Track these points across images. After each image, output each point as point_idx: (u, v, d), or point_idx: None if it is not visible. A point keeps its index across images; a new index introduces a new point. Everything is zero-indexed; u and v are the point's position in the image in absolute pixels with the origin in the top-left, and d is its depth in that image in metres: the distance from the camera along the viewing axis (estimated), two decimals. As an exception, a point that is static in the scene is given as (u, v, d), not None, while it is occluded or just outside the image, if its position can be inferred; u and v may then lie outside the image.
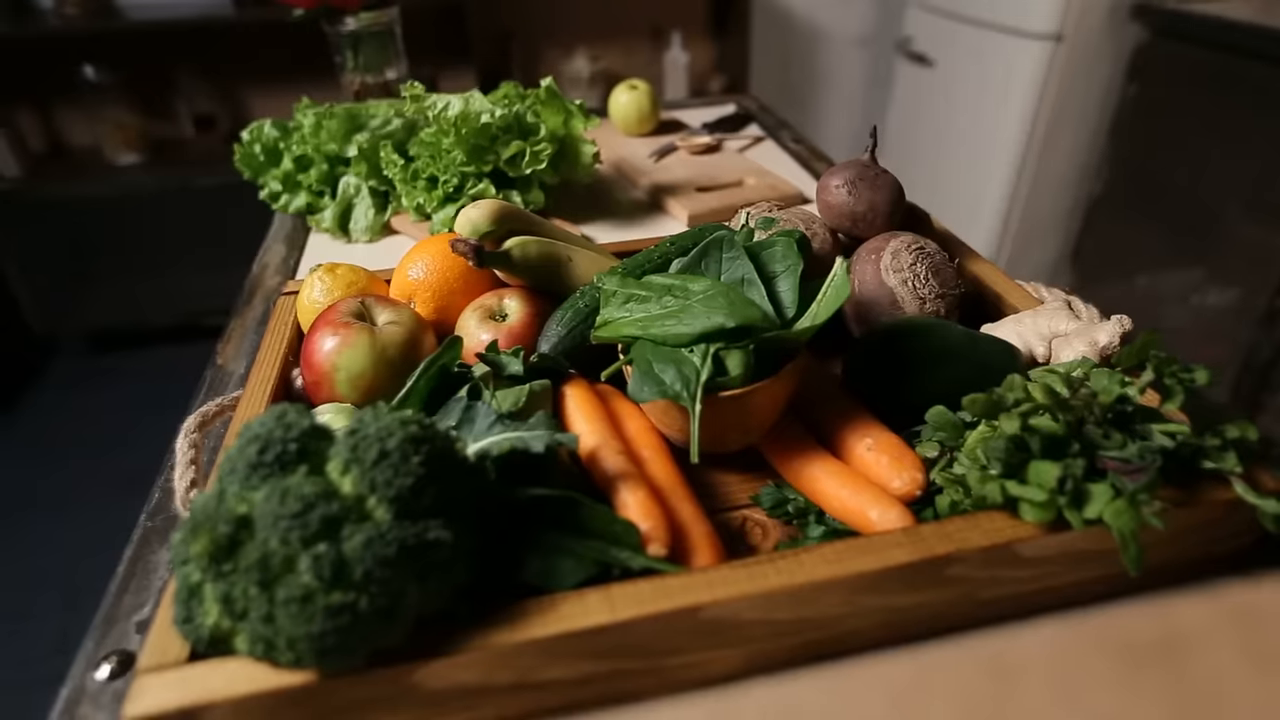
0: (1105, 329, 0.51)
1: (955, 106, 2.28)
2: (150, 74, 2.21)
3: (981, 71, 2.18)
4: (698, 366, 0.45)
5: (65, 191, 2.15)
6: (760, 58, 2.47)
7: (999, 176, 2.18)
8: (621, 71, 2.44)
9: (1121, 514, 0.38)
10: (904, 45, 2.39)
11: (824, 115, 2.70)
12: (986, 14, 2.11)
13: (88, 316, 2.30)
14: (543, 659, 0.38)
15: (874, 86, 2.65)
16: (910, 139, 2.48)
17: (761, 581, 0.39)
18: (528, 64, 2.37)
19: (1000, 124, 2.14)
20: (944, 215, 2.43)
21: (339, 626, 0.34)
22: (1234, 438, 0.43)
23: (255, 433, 0.37)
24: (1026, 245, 2.26)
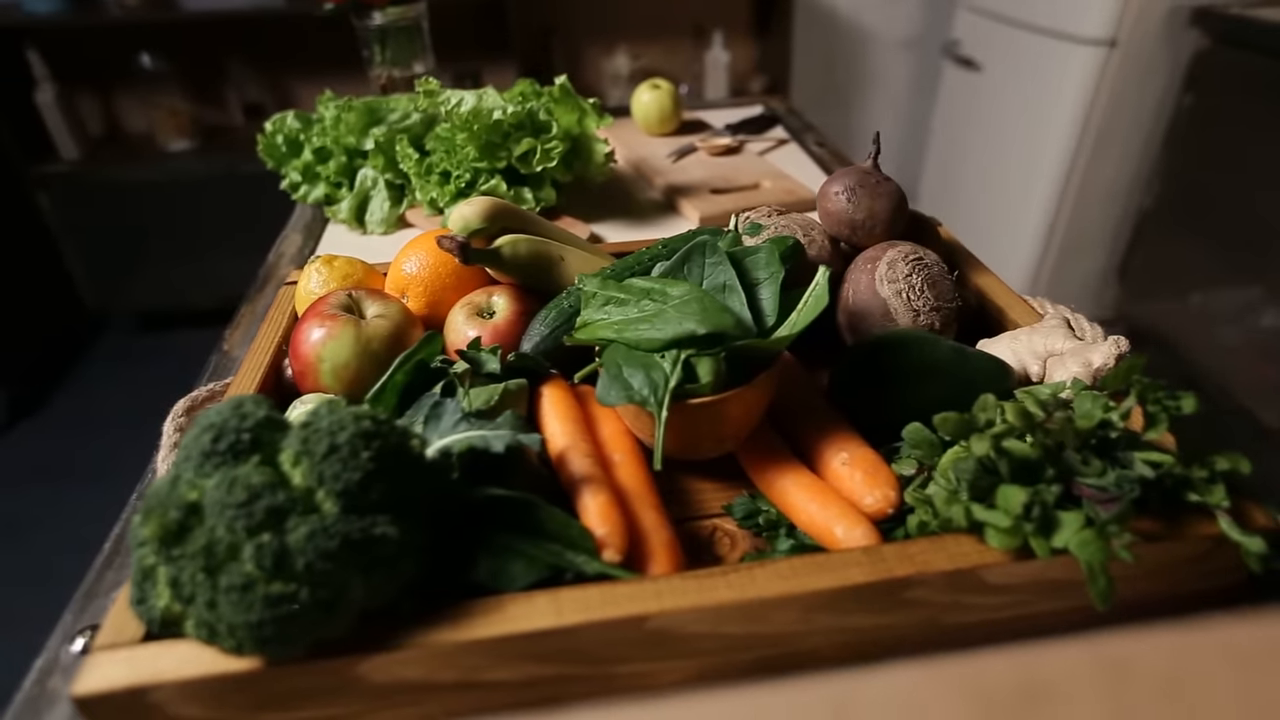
0: (1100, 350, 0.49)
1: (1002, 112, 2.22)
2: (203, 63, 2.27)
3: (1030, 77, 2.12)
4: (667, 372, 0.45)
5: (119, 175, 2.23)
6: (802, 59, 2.44)
7: (1045, 186, 2.12)
8: (663, 70, 2.44)
9: (1089, 545, 0.37)
10: (951, 48, 2.34)
11: (867, 118, 2.65)
12: (1038, 18, 2.06)
13: (135, 295, 2.38)
14: (486, 659, 0.38)
15: (919, 90, 2.60)
16: (955, 145, 2.43)
17: (711, 594, 0.39)
18: (569, 60, 2.38)
19: (1048, 132, 2.08)
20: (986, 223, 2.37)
21: (278, 616, 0.34)
22: (1223, 470, 0.41)
23: (211, 421, 0.37)
24: (1071, 257, 2.19)
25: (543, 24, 2.30)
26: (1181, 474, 0.41)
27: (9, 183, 2.19)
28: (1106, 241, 2.20)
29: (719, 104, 1.32)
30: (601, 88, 2.40)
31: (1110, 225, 2.17)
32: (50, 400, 2.20)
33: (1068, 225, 2.15)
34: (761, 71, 2.45)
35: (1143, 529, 0.41)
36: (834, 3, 2.44)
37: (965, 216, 2.42)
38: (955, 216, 2.46)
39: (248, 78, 2.29)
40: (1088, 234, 2.18)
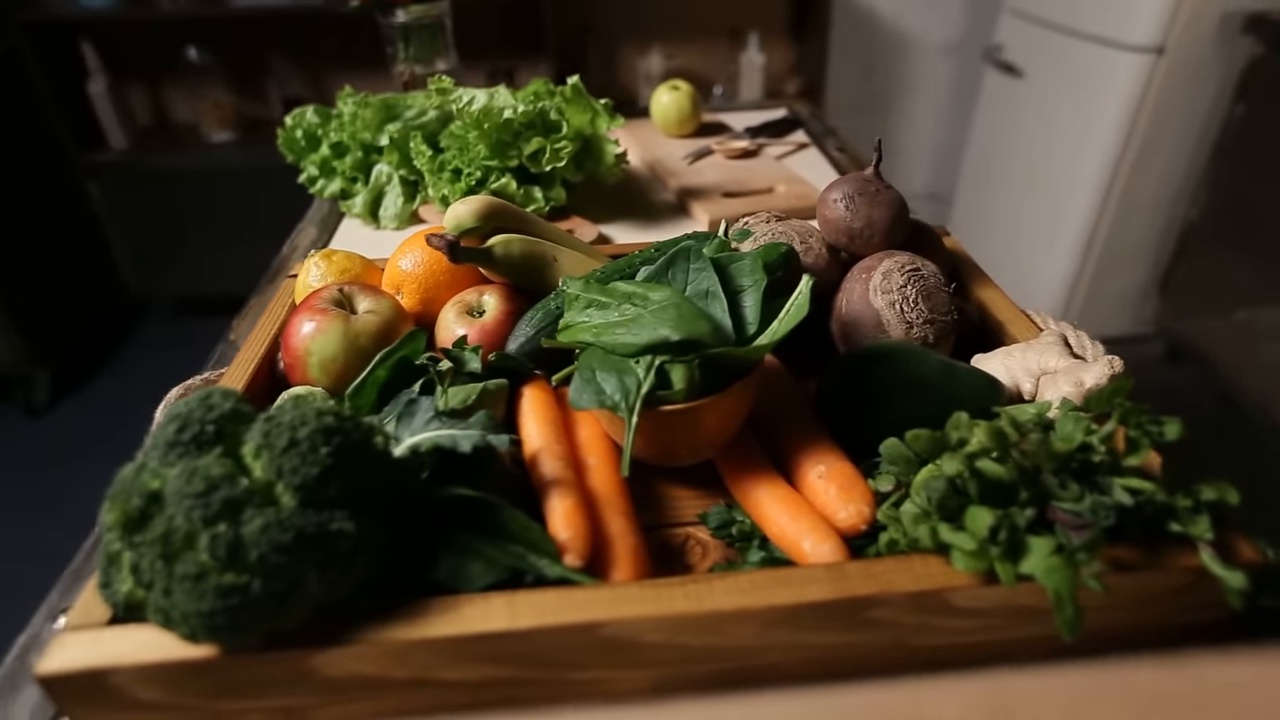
0: (1093, 370, 0.47)
1: (1044, 120, 2.17)
2: (246, 57, 2.33)
3: (1074, 84, 2.07)
4: (640, 378, 0.44)
5: (164, 164, 2.30)
6: (839, 62, 2.41)
7: (1085, 196, 2.06)
8: (697, 71, 2.43)
9: (1055, 572, 0.36)
10: (993, 54, 2.29)
11: (906, 124, 2.61)
12: (1084, 24, 2.00)
13: (176, 282, 2.45)
14: (440, 658, 0.38)
15: (959, 96, 2.55)
16: (994, 152, 2.38)
17: (667, 605, 0.38)
18: (603, 60, 2.38)
19: (1091, 140, 2.03)
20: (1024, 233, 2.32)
21: (229, 606, 0.35)
22: (1209, 500, 0.39)
23: (178, 411, 0.38)
24: (1110, 270, 2.13)
25: (578, 23, 2.30)
26: (1165, 502, 0.39)
27: (61, 171, 2.27)
28: (1148, 254, 2.13)
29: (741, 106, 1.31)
30: (635, 87, 2.40)
31: (1153, 238, 2.11)
32: (92, 381, 2.28)
33: (1108, 237, 2.09)
34: (797, 74, 2.42)
35: (1119, 558, 0.39)
36: (874, 6, 2.40)
37: (1002, 225, 2.37)
38: (992, 225, 2.41)
39: (289, 72, 2.34)
40: (1129, 246, 2.11)
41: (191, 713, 0.39)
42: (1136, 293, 2.20)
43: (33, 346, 2.13)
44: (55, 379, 2.19)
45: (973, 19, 2.44)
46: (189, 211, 2.32)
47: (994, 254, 2.43)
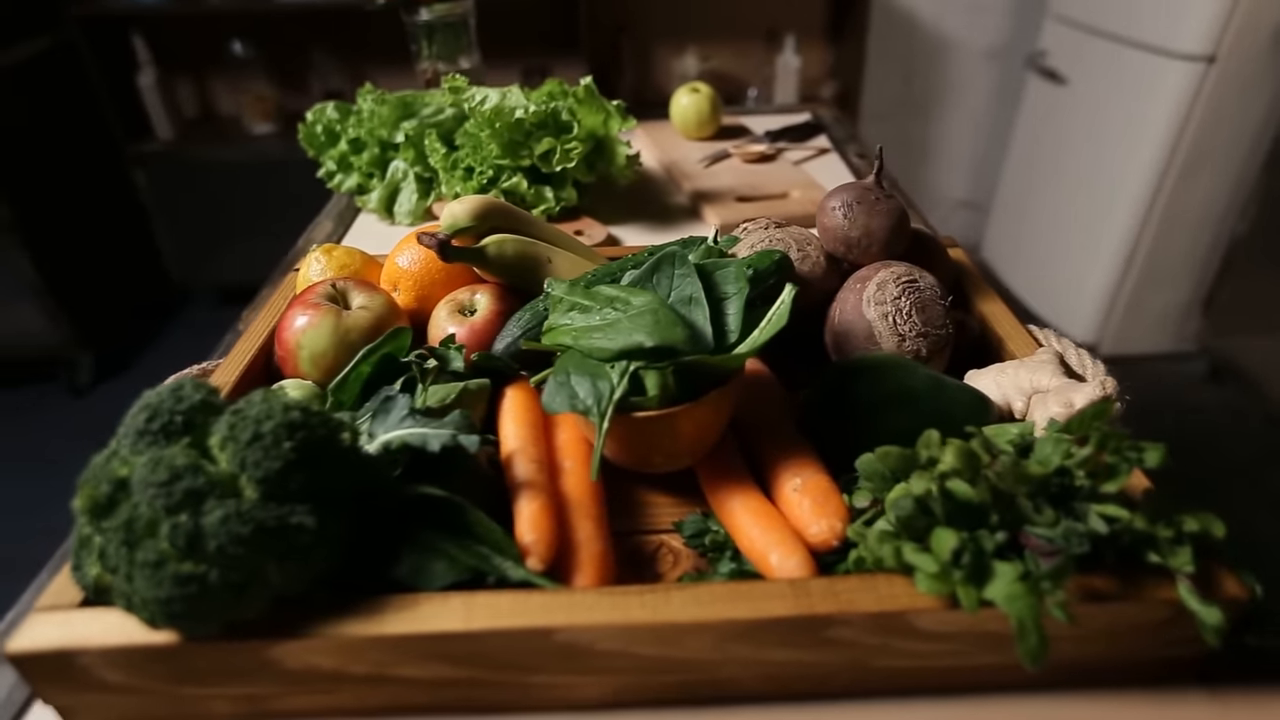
0: (1083, 390, 0.46)
1: (1087, 128, 2.11)
2: (289, 51, 2.37)
3: (1120, 92, 2.01)
4: (614, 383, 0.44)
5: (208, 155, 2.36)
6: (877, 66, 2.37)
7: (1128, 208, 2.01)
8: (732, 72, 2.42)
9: (1018, 599, 0.35)
10: (1036, 60, 2.23)
11: (944, 130, 2.56)
12: (1131, 31, 1.95)
13: (216, 270, 2.51)
14: (395, 655, 0.39)
15: (1000, 102, 2.50)
16: (1034, 160, 2.32)
17: (623, 613, 0.38)
18: (638, 59, 2.38)
19: (1135, 151, 1.97)
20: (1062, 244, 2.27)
21: (187, 594, 0.35)
22: (1192, 531, 0.38)
23: (148, 401, 0.39)
24: (1152, 286, 2.07)
25: (614, 22, 2.31)
26: (1145, 532, 0.38)
27: (110, 160, 2.34)
28: (1192, 270, 2.06)
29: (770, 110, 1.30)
30: (669, 88, 2.39)
31: (1198, 252, 2.04)
32: (133, 364, 2.35)
33: (1150, 251, 2.03)
34: (834, 78, 2.40)
35: (1094, 587, 0.38)
36: (915, 10, 2.36)
37: (1041, 236, 2.31)
38: (1030, 236, 2.35)
39: (330, 67, 2.38)
40: (1172, 261, 2.05)
41: (156, 696, 0.40)
42: (1179, 309, 2.13)
43: (78, 330, 2.20)
44: (99, 361, 2.26)
45: (1016, 24, 2.39)
46: (229, 201, 2.38)
47: (1031, 265, 2.37)
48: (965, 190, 2.68)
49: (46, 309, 2.14)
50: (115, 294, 2.42)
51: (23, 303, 2.12)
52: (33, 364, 2.24)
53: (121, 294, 2.46)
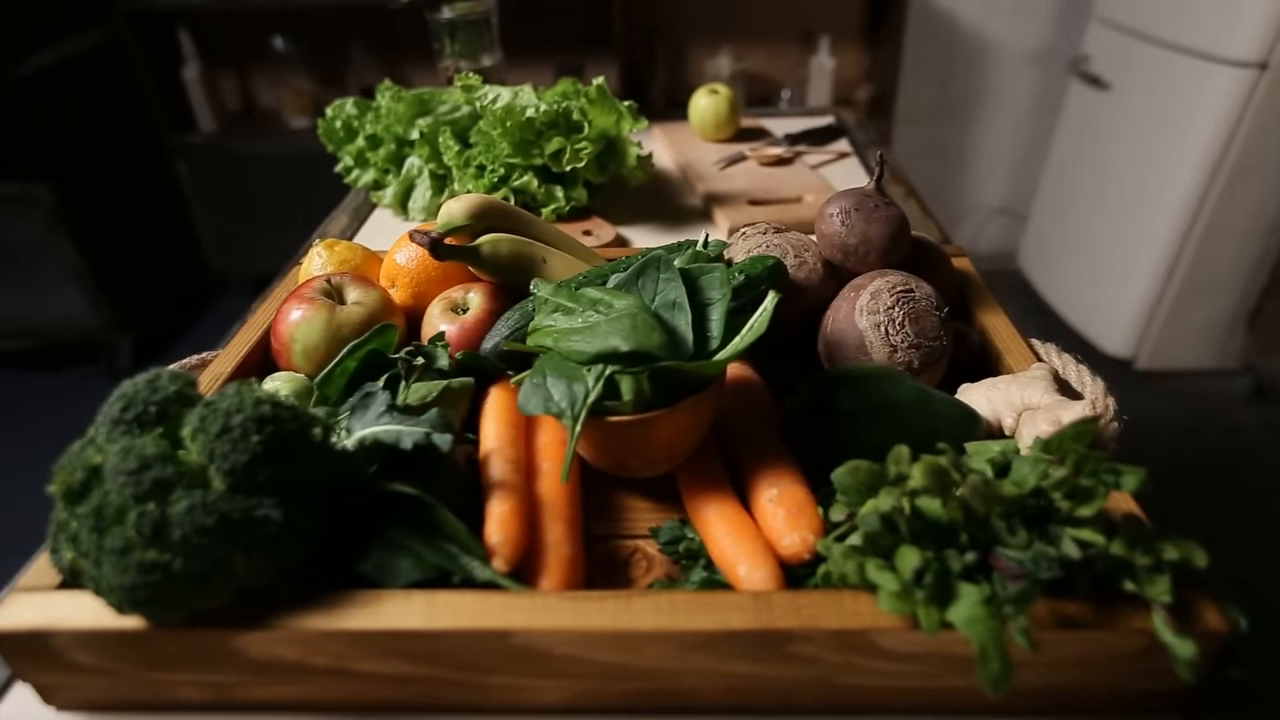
0: (1073, 409, 0.44)
1: (1130, 135, 2.06)
2: (327, 47, 2.41)
3: (1165, 99, 1.95)
4: (589, 387, 0.44)
5: (247, 147, 2.41)
6: (914, 69, 2.33)
7: (1171, 217, 1.95)
8: (766, 74, 2.40)
9: (978, 623, 0.34)
10: (1079, 65, 2.18)
11: (982, 135, 2.51)
12: (1179, 35, 1.89)
13: (251, 260, 2.56)
14: (356, 650, 0.39)
15: (1041, 107, 2.44)
16: (1075, 167, 2.26)
17: (582, 619, 0.38)
18: (672, 59, 2.38)
19: (1180, 159, 1.91)
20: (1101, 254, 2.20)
21: (150, 582, 0.36)
22: (1172, 560, 0.36)
23: (124, 391, 0.40)
24: (1194, 299, 2.00)
25: (648, 21, 2.30)
26: (1122, 558, 0.37)
27: (154, 151, 2.41)
28: (1238, 284, 1.99)
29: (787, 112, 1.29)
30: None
31: (1243, 266, 1.97)
32: (170, 350, 2.41)
33: (1193, 263, 1.96)
34: (869, 81, 2.36)
35: (1068, 613, 0.37)
36: (955, 12, 2.32)
37: (1079, 245, 2.25)
38: (1068, 244, 2.29)
39: (368, 62, 2.42)
40: (1216, 274, 1.98)
41: (127, 680, 0.41)
42: (1222, 325, 2.06)
43: (119, 315, 2.26)
44: (137, 346, 2.33)
45: (1060, 28, 2.33)
46: (266, 193, 2.43)
47: (1068, 275, 2.32)
48: (1002, 197, 2.62)
49: (89, 294, 2.21)
50: (155, 281, 2.49)
51: (67, 288, 2.19)
52: (75, 347, 2.31)
53: (161, 281, 2.53)
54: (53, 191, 2.05)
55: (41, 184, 2.04)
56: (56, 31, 2.12)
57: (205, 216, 2.53)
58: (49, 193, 2.05)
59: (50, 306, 2.21)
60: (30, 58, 2.01)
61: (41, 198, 2.05)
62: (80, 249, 2.14)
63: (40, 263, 2.16)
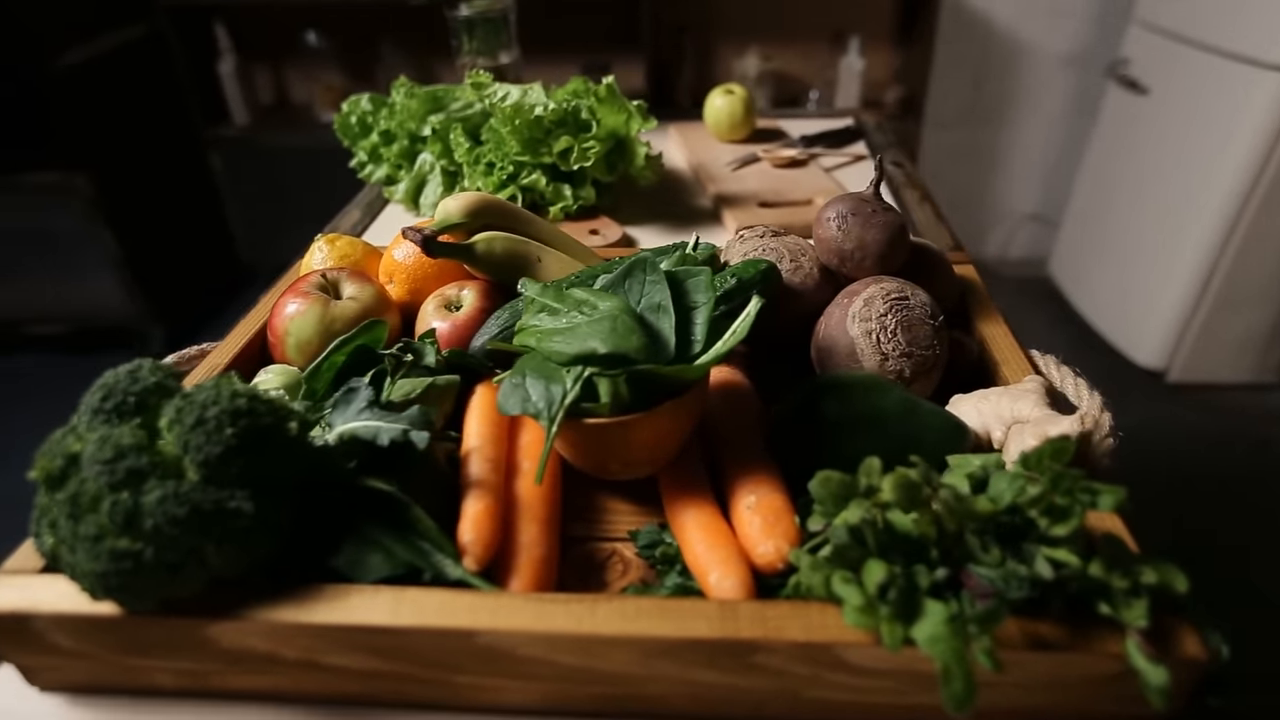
0: (1061, 424, 0.43)
1: (1168, 141, 2.00)
2: (358, 42, 2.44)
3: (1206, 104, 1.90)
4: (566, 388, 0.44)
5: (279, 141, 2.45)
6: (946, 71, 2.29)
7: (1208, 226, 1.90)
8: (795, 74, 2.38)
9: (940, 641, 0.33)
10: (1116, 68, 2.13)
11: (1015, 138, 2.46)
12: (1222, 39, 1.83)
13: (280, 252, 2.60)
14: (324, 644, 0.39)
15: (1076, 111, 2.39)
16: (1110, 173, 2.21)
17: (546, 621, 0.38)
18: (700, 58, 2.37)
19: (1220, 166, 1.86)
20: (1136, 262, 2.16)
21: (121, 569, 0.37)
22: (1150, 584, 0.35)
23: (105, 381, 0.40)
24: (1230, 310, 1.95)
25: (677, 20, 2.29)
26: (1099, 580, 0.36)
27: (190, 144, 2.46)
28: (1276, 295, 1.93)
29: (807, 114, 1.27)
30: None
31: (1281, 278, 1.91)
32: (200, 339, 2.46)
33: (1230, 274, 1.91)
34: (900, 82, 2.33)
35: (1040, 634, 0.36)
36: (989, 12, 2.27)
37: (1112, 252, 2.20)
38: (1101, 251, 2.24)
39: (397, 59, 2.44)
40: (1254, 285, 1.92)
41: (105, 664, 0.42)
42: (1260, 338, 2.00)
43: (152, 304, 2.32)
44: (168, 335, 2.38)
45: (1098, 30, 2.28)
46: (296, 186, 2.46)
47: (1100, 283, 2.26)
48: (1034, 203, 2.57)
49: (124, 283, 2.26)
50: (188, 271, 2.54)
51: (103, 276, 2.24)
52: (108, 333, 2.37)
53: (194, 271, 2.58)
54: (91, 181, 2.11)
55: (81, 174, 2.10)
56: (98, 26, 2.17)
57: (237, 208, 2.58)
58: (88, 183, 2.10)
59: (86, 293, 2.27)
60: (72, 51, 2.06)
61: (80, 187, 2.11)
62: (117, 238, 2.19)
63: (78, 251, 2.21)
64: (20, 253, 2.22)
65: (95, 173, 2.11)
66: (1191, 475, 1.83)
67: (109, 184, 2.16)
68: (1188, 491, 1.77)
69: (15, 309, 2.34)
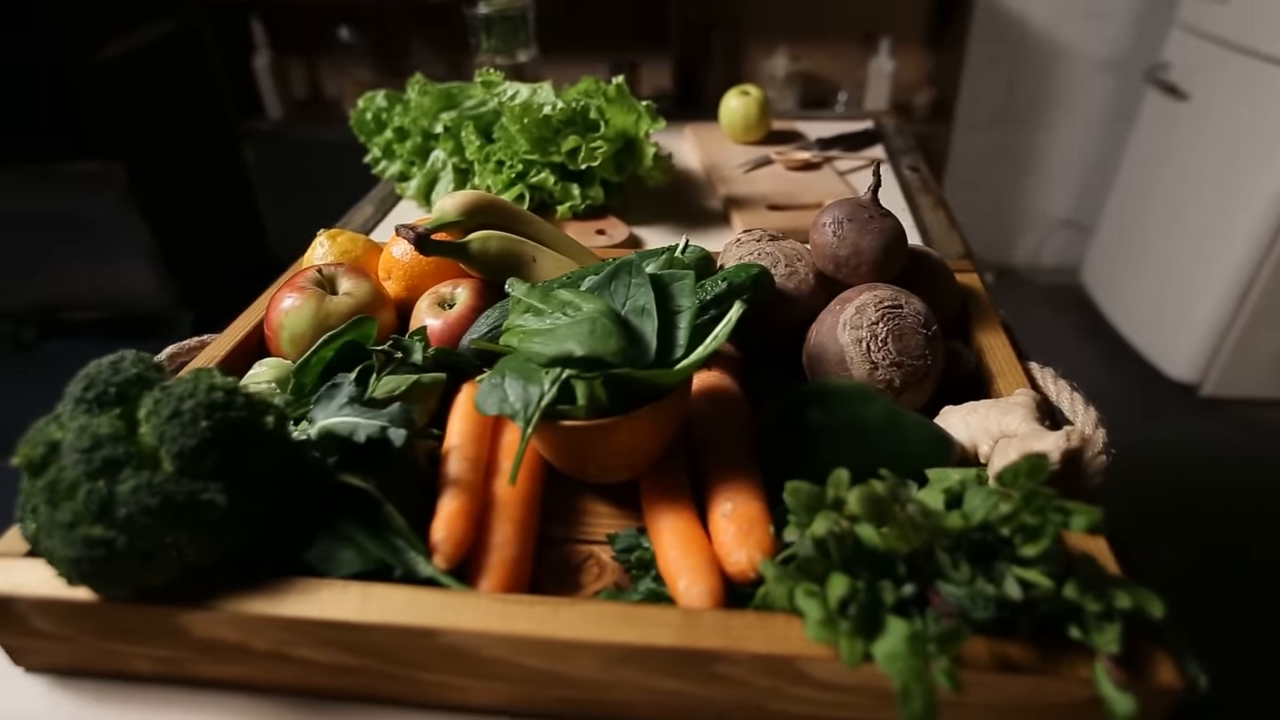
0: (1046, 440, 0.42)
1: (1208, 148, 1.95)
2: (390, 39, 2.47)
3: (1247, 111, 1.84)
4: (544, 390, 0.44)
5: (310, 135, 2.48)
6: (979, 74, 2.26)
7: (1246, 237, 1.84)
8: (824, 74, 2.35)
9: (897, 660, 0.32)
10: (1155, 73, 2.07)
11: (1049, 142, 2.41)
12: (1268, 44, 1.77)
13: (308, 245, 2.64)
14: (293, 636, 0.40)
15: (1114, 116, 2.33)
16: (1146, 180, 2.16)
17: (509, 623, 0.38)
18: (728, 57, 2.35)
19: (1260, 174, 1.80)
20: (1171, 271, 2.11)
21: (94, 556, 0.37)
22: (1124, 608, 0.34)
23: (88, 371, 0.41)
24: (1267, 324, 1.89)
25: (706, 19, 2.28)
26: (1072, 602, 0.35)
27: (223, 136, 2.51)
28: (1317, 312, 1.87)
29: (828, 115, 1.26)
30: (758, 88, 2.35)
31: (1325, 293, 1.84)
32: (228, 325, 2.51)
33: (1269, 286, 1.85)
34: (931, 84, 2.29)
35: (1009, 656, 0.35)
36: (1025, 15, 2.23)
37: (1147, 261, 2.15)
38: (1136, 260, 2.19)
39: (428, 56, 2.46)
40: (1292, 300, 1.86)
41: (85, 648, 0.42)
42: (1299, 353, 1.93)
43: (183, 292, 2.37)
44: (196, 322, 2.43)
45: (1139, 33, 2.22)
46: (325, 180, 2.50)
47: (1134, 293, 2.21)
48: (1068, 209, 2.51)
49: (157, 271, 2.31)
50: (219, 261, 2.59)
51: (137, 263, 2.30)
52: (140, 320, 2.43)
53: (225, 261, 2.63)
54: (127, 171, 2.16)
55: (117, 163, 2.15)
56: (136, 20, 2.22)
57: (268, 200, 2.62)
58: (124, 172, 2.16)
59: (121, 280, 2.32)
60: (111, 44, 2.11)
61: (117, 176, 2.16)
62: (151, 227, 2.24)
63: (113, 238, 2.27)
64: (60, 240, 2.29)
65: (130, 163, 2.16)
66: (1225, 491, 1.78)
67: (144, 174, 2.21)
68: (1222, 508, 1.72)
69: (54, 295, 2.41)
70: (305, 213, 2.57)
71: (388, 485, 0.44)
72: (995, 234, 2.55)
